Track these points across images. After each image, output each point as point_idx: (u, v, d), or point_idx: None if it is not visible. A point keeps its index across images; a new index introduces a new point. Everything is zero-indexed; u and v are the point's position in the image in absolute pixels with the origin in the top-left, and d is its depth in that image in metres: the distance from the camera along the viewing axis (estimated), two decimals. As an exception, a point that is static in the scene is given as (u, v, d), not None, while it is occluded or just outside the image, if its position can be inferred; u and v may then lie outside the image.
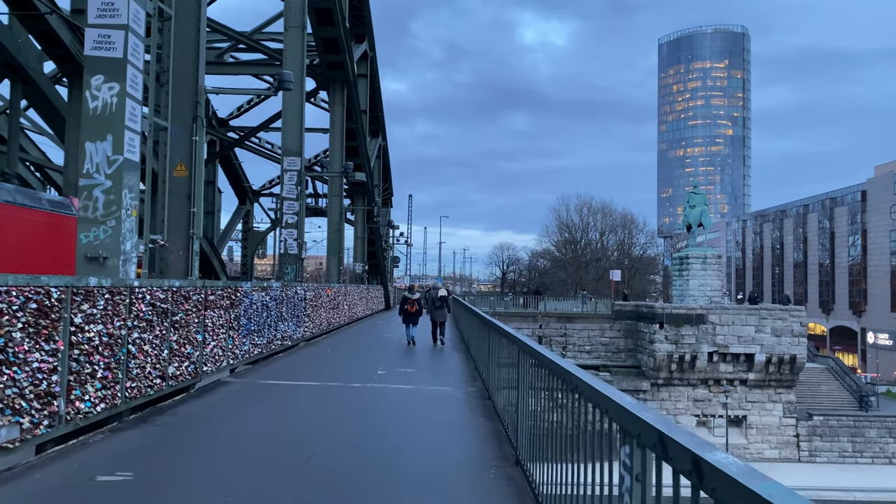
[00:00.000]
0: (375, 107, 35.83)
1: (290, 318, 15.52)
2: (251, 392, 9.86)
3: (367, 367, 13.10)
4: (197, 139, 9.92)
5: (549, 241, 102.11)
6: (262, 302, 13.13)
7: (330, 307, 21.11)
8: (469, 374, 12.75)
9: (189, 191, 10.11)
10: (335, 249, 24.31)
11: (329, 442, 6.77)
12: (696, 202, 56.48)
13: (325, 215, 45.98)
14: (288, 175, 17.60)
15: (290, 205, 17.53)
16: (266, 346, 13.58)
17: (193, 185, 9.98)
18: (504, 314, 45.47)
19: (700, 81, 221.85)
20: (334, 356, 15.28)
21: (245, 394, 9.71)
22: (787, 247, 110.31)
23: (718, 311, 42.43)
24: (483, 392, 10.31)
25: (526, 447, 5.58)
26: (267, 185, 45.34)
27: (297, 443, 6.65)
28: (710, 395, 43.27)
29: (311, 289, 17.70)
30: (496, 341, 8.89)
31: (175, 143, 9.91)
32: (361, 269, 32.11)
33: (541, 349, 4.96)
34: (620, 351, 46.83)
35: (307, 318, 17.58)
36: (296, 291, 15.94)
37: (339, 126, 23.83)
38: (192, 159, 9.95)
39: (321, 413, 8.35)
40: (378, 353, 16.51)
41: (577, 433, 3.70)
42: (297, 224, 17.49)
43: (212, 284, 10.20)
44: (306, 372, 12.34)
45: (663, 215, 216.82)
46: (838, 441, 43.14)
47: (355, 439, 6.87)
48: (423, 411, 8.82)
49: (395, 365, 13.83)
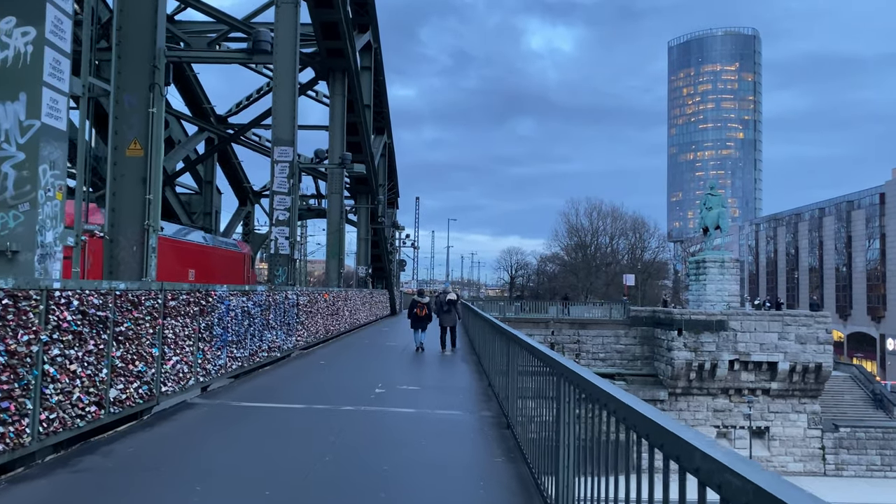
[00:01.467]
0: (380, 102, 34.14)
1: (279, 327, 13.78)
2: (217, 419, 8.11)
3: (363, 384, 11.34)
4: (155, 111, 8.19)
5: (559, 245, 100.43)
6: (243, 308, 11.39)
7: (328, 313, 19.38)
8: (482, 391, 10.97)
9: (145, 174, 8.37)
10: (335, 251, 22.55)
11: (294, 499, 5.02)
12: (713, 204, 54.60)
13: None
14: (279, 167, 15.86)
15: (282, 199, 15.79)
16: (249, 359, 11.84)
17: (150, 166, 8.23)
18: (514, 320, 43.66)
19: (710, 84, 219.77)
20: (329, 369, 13.52)
21: (209, 421, 7.97)
22: (802, 251, 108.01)
23: (740, 318, 40.46)
24: (500, 417, 8.55)
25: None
26: (267, 185, 43.69)
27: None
28: (731, 405, 41.27)
29: (305, 293, 15.96)
30: (519, 358, 7.14)
31: (128, 116, 8.19)
32: (365, 272, 30.33)
33: (609, 388, 3.19)
34: (636, 359, 44.90)
35: (301, 325, 15.85)
36: (286, 296, 14.21)
37: (339, 118, 22.12)
38: (148, 136, 8.22)
39: (297, 451, 6.59)
40: (378, 365, 14.75)
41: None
42: (289, 221, 15.76)
43: (173, 287, 8.47)
44: (292, 390, 10.58)
45: (673, 219, 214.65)
46: (866, 454, 41.05)
47: (332, 495, 5.10)
48: (427, 446, 7.04)
49: (396, 380, 12.05)
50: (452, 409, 9.10)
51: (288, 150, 15.85)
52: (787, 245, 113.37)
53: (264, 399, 9.50)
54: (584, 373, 3.93)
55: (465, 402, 9.88)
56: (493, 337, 10.86)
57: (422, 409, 9.01)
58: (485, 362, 13.17)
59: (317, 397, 9.83)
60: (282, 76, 15.88)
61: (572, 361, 4.67)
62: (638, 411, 2.68)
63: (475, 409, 9.21)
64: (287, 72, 15.82)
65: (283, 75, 15.89)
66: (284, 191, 15.79)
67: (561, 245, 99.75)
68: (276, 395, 9.99)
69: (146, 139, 8.19)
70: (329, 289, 19.87)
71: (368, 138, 26.80)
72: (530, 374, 6.34)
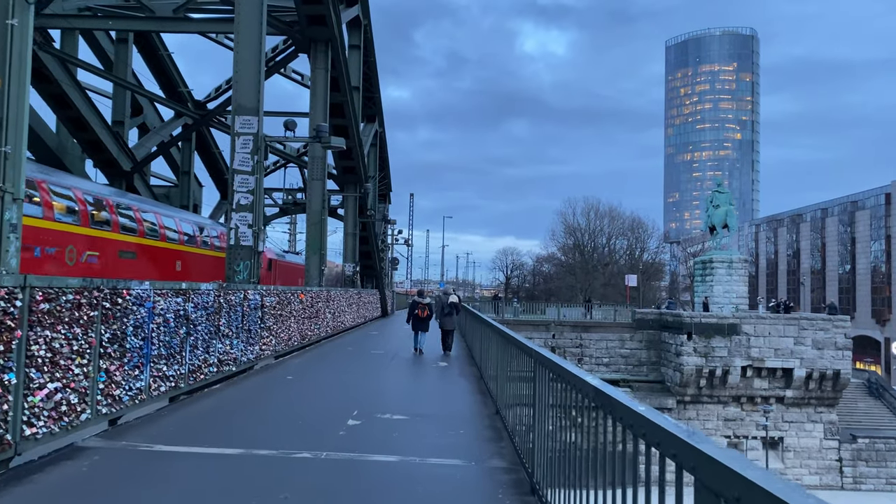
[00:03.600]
0: (371, 87, 31.45)
1: (235, 334, 11.15)
2: (103, 478, 5.49)
3: (334, 410, 8.73)
4: (15, 24, 5.56)
5: (556, 245, 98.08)
6: (178, 312, 8.77)
7: (305, 316, 16.75)
8: (487, 422, 8.40)
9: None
10: (316, 245, 19.80)
11: None
12: (720, 201, 52.13)
13: (332, 214, 41.56)
14: (241, 140, 13.16)
15: (244, 180, 13.08)
16: (188, 378, 9.23)
17: (7, 105, 5.65)
18: (513, 322, 41.09)
19: (708, 84, 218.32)
20: (294, 388, 10.90)
21: (86, 484, 5.34)
22: (804, 252, 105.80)
23: (753, 321, 37.99)
24: (517, 470, 5.98)
25: None
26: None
27: None
28: (743, 413, 38.81)
29: (272, 293, 13.34)
30: (550, 389, 4.60)
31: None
32: (352, 270, 27.62)
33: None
34: (642, 364, 42.37)
35: (267, 331, 13.22)
36: (245, 297, 11.58)
37: (321, 95, 19.43)
38: (5, 60, 5.61)
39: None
40: (359, 380, 12.15)
41: None
42: (252, 206, 13.10)
43: (48, 284, 5.86)
44: (236, 421, 7.96)
45: (670, 220, 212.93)
46: (886, 466, 38.61)
47: None
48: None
49: (378, 403, 9.46)
50: (450, 457, 6.50)
51: (251, 121, 13.17)
52: (788, 246, 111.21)
53: (191, 438, 6.88)
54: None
55: (467, 441, 7.28)
56: (503, 350, 8.29)
57: (407, 457, 6.40)
58: (489, 378, 10.59)
59: (267, 434, 7.21)
60: (245, 30, 13.13)
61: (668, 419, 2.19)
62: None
63: (482, 456, 6.62)
64: (251, 25, 13.08)
65: (246, 28, 13.16)
66: (247, 169, 13.13)
67: (558, 245, 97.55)
68: (212, 429, 7.36)
69: (1, 64, 5.60)
70: (307, 288, 17.23)
71: (356, 122, 24.17)
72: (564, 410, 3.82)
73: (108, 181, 27.65)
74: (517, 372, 6.79)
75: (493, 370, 10.02)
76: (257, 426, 7.65)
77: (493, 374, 10.06)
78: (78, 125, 24.75)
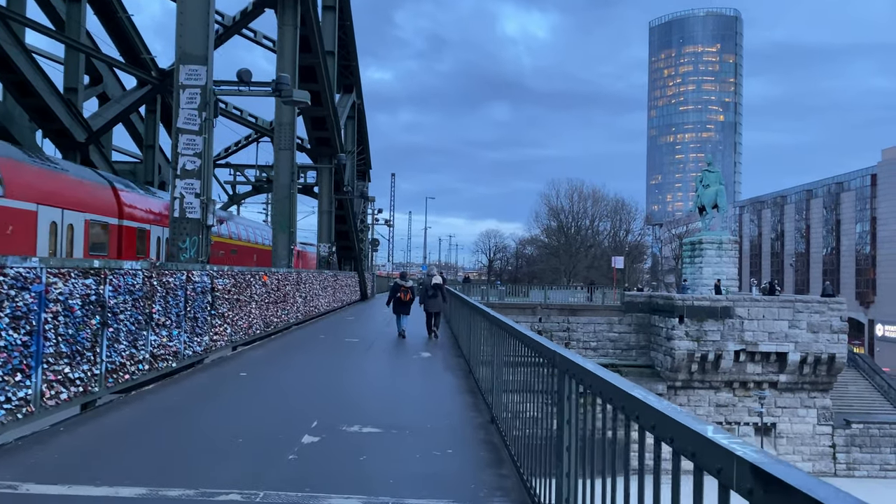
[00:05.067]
0: (348, 54, 29.27)
1: (175, 323, 9.26)
2: None
3: (287, 423, 6.91)
4: None
5: (539, 228, 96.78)
6: (88, 297, 6.88)
7: (270, 301, 14.86)
8: (482, 435, 6.64)
9: None
10: (284, 223, 17.74)
11: None
12: (710, 181, 50.69)
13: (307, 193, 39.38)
14: (186, 94, 11.08)
15: (190, 141, 11.05)
16: (109, 378, 7.36)
17: None
18: (498, 305, 39.41)
19: (692, 66, 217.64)
20: (246, 389, 9.05)
21: None
22: (788, 234, 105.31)
23: (747, 304, 36.59)
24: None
25: None
26: (223, 154, 38.80)
27: None
28: (735, 399, 37.55)
29: (227, 274, 11.43)
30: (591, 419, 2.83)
31: None
32: (328, 250, 25.61)
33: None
34: (631, 348, 40.95)
35: (221, 318, 11.33)
36: (188, 278, 9.68)
37: (289, 56, 17.29)
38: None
39: None
40: (326, 375, 10.33)
41: None
42: (200, 172, 11.13)
43: None
44: (154, 440, 6.11)
45: (652, 203, 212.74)
46: (880, 452, 37.62)
47: None
48: None
49: (345, 410, 7.65)
50: (437, 496, 4.71)
51: (199, 71, 11.14)
52: (772, 228, 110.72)
53: (79, 470, 5.03)
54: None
55: (458, 467, 5.51)
56: (501, 345, 6.52)
57: (377, 498, 4.60)
58: (481, 377, 8.84)
59: (187, 461, 5.38)
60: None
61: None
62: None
63: (479, 491, 4.85)
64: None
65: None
66: (194, 128, 11.14)
67: (541, 227, 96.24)
68: (115, 455, 5.51)
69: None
70: (272, 269, 15.33)
71: (330, 89, 22.11)
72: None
73: (61, 153, 25.42)
74: (522, 375, 5.02)
75: (486, 370, 8.26)
76: (180, 447, 5.81)
77: (486, 376, 8.30)
78: (23, 90, 22.48)
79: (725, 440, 1.94)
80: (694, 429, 2.08)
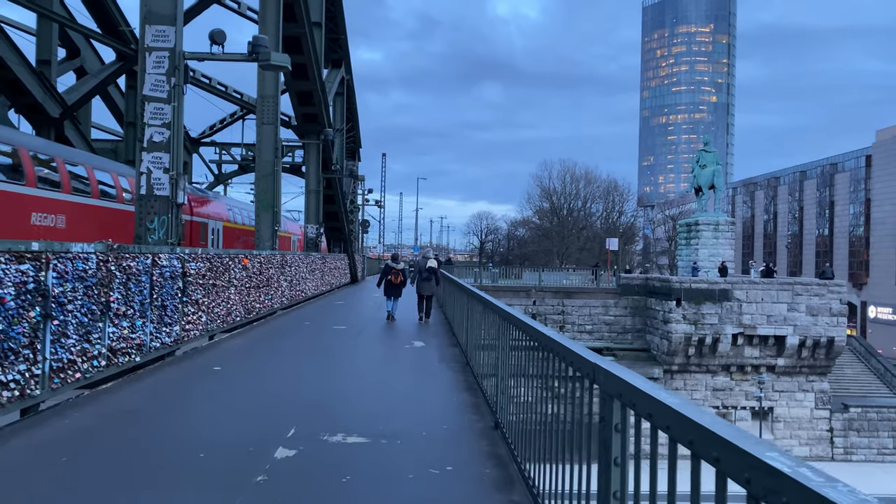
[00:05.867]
0: (336, 27, 28.01)
1: (139, 312, 8.27)
2: None
3: (259, 431, 5.95)
4: None
5: (531, 209, 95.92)
6: (23, 286, 5.87)
7: (251, 286, 13.87)
8: (486, 446, 5.72)
9: None
10: (268, 201, 16.65)
11: None
12: (707, 161, 49.82)
13: (295, 173, 38.09)
14: (153, 58, 9.99)
15: (158, 109, 9.98)
16: (55, 378, 6.38)
17: None
18: (491, 288, 38.52)
19: (685, 46, 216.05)
20: (217, 388, 8.07)
21: None
22: (781, 216, 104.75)
23: (746, 286, 35.84)
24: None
25: None
26: (207, 132, 37.50)
27: None
28: (733, 383, 36.93)
29: (200, 257, 10.41)
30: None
31: None
32: (315, 231, 24.52)
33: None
34: (626, 331, 40.19)
35: (195, 306, 10.34)
36: (155, 262, 8.67)
37: (272, 23, 16.03)
38: None
39: None
40: (309, 371, 9.37)
41: None
42: (168, 144, 10.06)
43: None
44: (104, 451, 5.14)
45: (644, 184, 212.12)
46: (878, 436, 37.17)
47: None
48: None
49: (326, 416, 6.70)
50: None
51: (167, 32, 10.03)
52: (765, 210, 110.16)
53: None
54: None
55: (462, 492, 4.58)
56: (510, 345, 5.58)
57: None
58: (481, 374, 7.91)
59: (131, 486, 4.42)
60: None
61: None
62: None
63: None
64: None
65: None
66: (162, 96, 10.06)
67: (533, 208, 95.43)
68: (39, 476, 4.54)
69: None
70: (254, 252, 14.30)
71: (317, 62, 20.93)
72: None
73: (34, 129, 24.20)
74: (537, 388, 4.08)
75: (487, 362, 7.33)
76: (125, 466, 4.83)
77: (486, 365, 7.37)
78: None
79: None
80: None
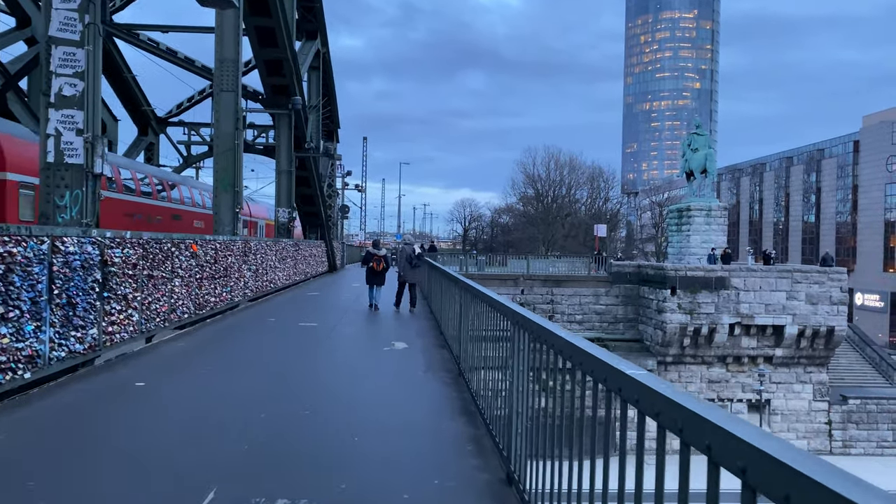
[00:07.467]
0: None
1: (28, 314, 6.23)
2: None
3: (165, 498, 3.98)
4: None
5: (516, 196, 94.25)
6: None
7: (203, 276, 11.82)
8: (488, 474, 3.78)
9: None
10: (227, 180, 14.47)
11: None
12: (698, 145, 48.18)
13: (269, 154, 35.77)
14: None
15: (68, 55, 7.90)
16: None
17: None
18: (478, 276, 36.65)
19: (668, 32, 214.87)
20: (129, 415, 6.06)
21: None
22: (767, 202, 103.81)
23: (743, 274, 34.29)
24: None
25: None
26: (175, 111, 35.09)
27: None
28: (729, 374, 35.48)
29: (128, 242, 8.37)
30: None
31: None
32: (287, 216, 22.38)
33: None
34: (618, 321, 38.55)
35: (122, 302, 8.30)
36: (56, 247, 6.62)
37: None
38: None
39: None
40: (257, 392, 7.39)
41: None
42: (80, 100, 8.02)
43: None
44: None
45: (628, 171, 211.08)
46: (877, 429, 35.93)
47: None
48: None
49: (268, 466, 4.74)
50: None
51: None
52: (751, 196, 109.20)
53: None
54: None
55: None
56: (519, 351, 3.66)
57: None
58: (478, 385, 5.99)
59: None
60: None
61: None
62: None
63: None
64: None
65: None
66: (73, 38, 7.96)
67: (518, 195, 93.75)
68: None
69: None
70: (206, 237, 12.24)
71: (287, 28, 18.81)
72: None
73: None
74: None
75: (491, 376, 5.42)
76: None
77: (488, 387, 5.47)
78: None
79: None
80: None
